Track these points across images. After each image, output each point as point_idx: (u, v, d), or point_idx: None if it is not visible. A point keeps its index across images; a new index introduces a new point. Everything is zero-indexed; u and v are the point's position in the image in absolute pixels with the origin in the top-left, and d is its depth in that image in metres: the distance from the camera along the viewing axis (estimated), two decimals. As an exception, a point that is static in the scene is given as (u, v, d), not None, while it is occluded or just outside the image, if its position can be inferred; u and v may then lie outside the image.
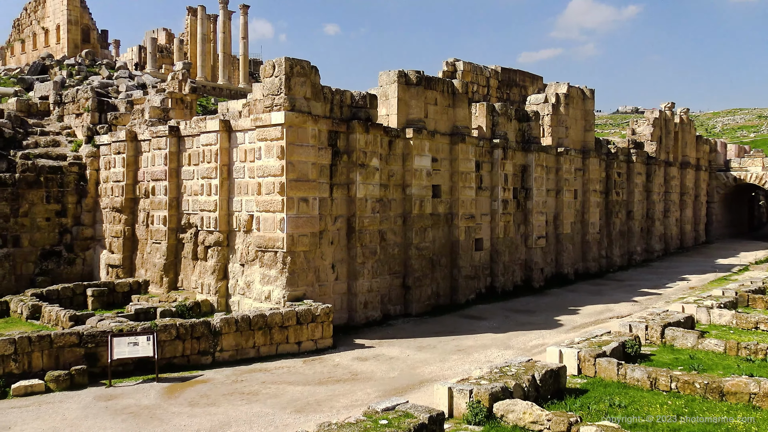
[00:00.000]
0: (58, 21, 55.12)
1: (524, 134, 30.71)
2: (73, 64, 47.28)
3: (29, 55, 57.73)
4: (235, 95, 52.28)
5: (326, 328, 18.75)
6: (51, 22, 56.11)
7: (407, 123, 24.31)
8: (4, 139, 29.21)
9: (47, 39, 56.43)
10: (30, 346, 14.94)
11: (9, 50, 61.89)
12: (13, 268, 27.57)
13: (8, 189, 27.58)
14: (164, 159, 25.45)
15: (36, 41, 57.79)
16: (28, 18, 60.00)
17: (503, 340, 19.93)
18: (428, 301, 24.46)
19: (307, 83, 20.58)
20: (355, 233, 21.82)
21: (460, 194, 26.02)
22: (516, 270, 29.82)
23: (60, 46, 54.40)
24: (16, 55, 60.43)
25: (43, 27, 56.99)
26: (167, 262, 25.09)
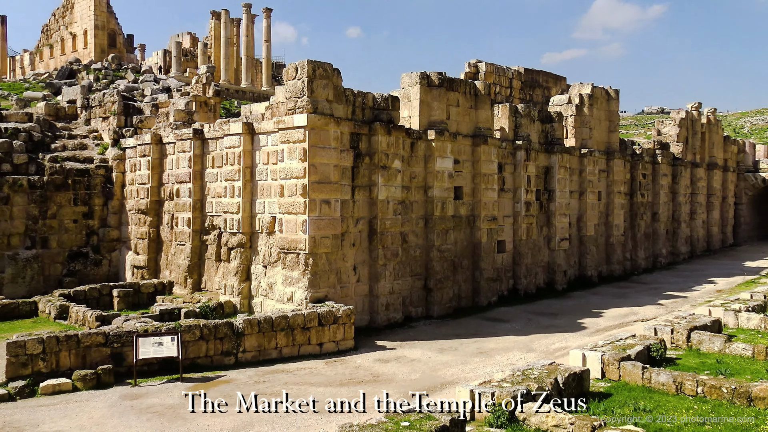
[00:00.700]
0: (85, 26, 56.06)
1: (547, 135, 30.51)
2: (100, 69, 48.06)
3: (57, 60, 58.77)
4: (258, 98, 52.70)
5: (348, 329, 18.81)
6: (78, 27, 57.07)
7: (429, 125, 24.30)
8: (33, 143, 29.78)
9: (75, 44, 57.41)
10: (58, 346, 15.22)
11: (38, 55, 63.08)
12: (42, 269, 28.09)
13: (37, 191, 28.13)
14: (188, 161, 25.74)
15: (64, 46, 58.82)
16: (56, 23, 61.11)
17: (525, 342, 19.81)
18: (450, 304, 24.41)
19: (329, 86, 20.68)
20: (377, 235, 21.86)
21: (483, 196, 25.93)
22: (538, 272, 29.62)
23: (87, 51, 55.32)
24: (45, 60, 61.56)
25: (71, 32, 57.99)
26: (191, 263, 25.37)
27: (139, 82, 44.00)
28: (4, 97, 42.06)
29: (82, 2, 56.66)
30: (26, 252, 27.87)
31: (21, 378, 14.75)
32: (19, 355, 14.87)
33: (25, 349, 14.93)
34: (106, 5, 55.92)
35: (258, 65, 65.33)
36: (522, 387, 12.10)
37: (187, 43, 65.77)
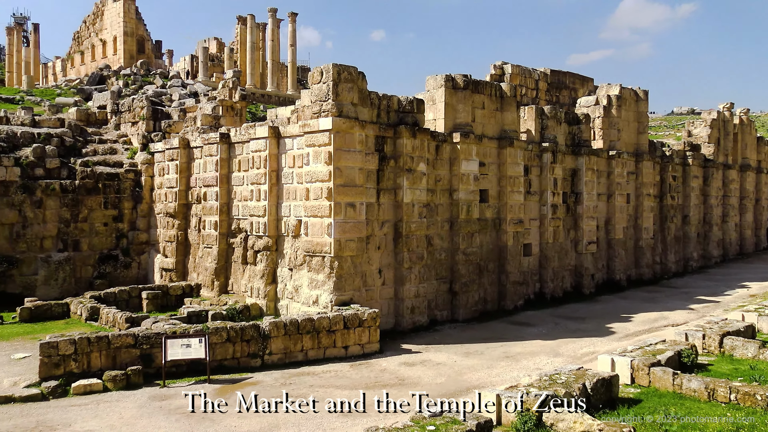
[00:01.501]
0: (114, 33, 57.09)
1: (574, 137, 30.24)
2: (129, 74, 48.87)
3: (88, 66, 59.91)
4: (284, 102, 53.10)
5: (373, 332, 18.83)
6: (108, 34, 58.14)
7: (454, 127, 24.25)
8: (65, 148, 30.38)
9: (105, 50, 58.49)
10: (89, 347, 15.50)
11: (69, 62, 64.40)
12: (73, 271, 28.65)
13: (69, 195, 28.72)
14: (215, 165, 26.04)
15: (94, 53, 59.95)
16: (87, 30, 62.34)
17: (552, 347, 19.64)
18: (475, 307, 24.30)
19: (354, 89, 20.77)
20: (402, 238, 21.87)
21: (508, 199, 25.78)
22: (565, 276, 29.35)
23: (117, 57, 56.30)
24: (76, 67, 62.80)
25: (101, 39, 59.09)
26: (218, 266, 25.64)
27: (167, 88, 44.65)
28: (37, 103, 43.00)
29: (111, 9, 57.72)
30: (58, 255, 28.43)
31: (53, 378, 15.05)
32: (52, 356, 15.18)
33: (58, 349, 15.24)
34: (134, 12, 56.91)
35: (283, 69, 65.84)
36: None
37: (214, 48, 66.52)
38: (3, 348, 18.96)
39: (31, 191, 27.96)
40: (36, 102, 43.45)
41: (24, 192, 27.82)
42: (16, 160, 28.05)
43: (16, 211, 27.67)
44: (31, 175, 28.26)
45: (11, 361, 17.32)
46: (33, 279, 27.67)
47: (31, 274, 27.71)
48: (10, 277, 27.11)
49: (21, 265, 27.47)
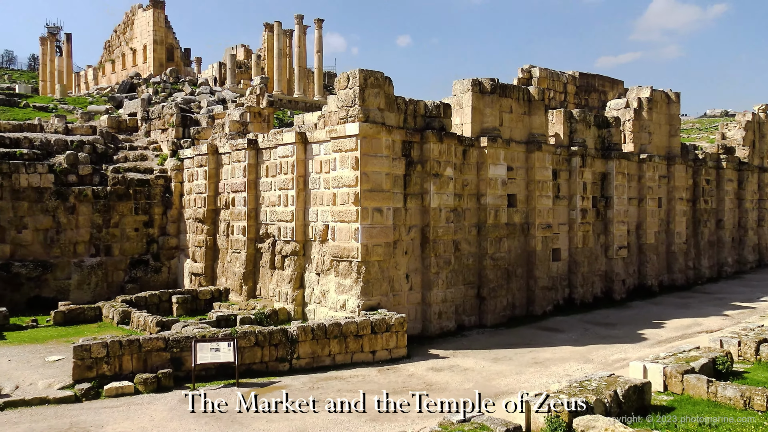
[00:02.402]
0: (144, 41, 58.10)
1: (604, 141, 29.94)
2: (159, 82, 49.66)
3: (119, 75, 61.05)
4: (310, 108, 53.48)
5: (400, 337, 18.84)
6: (138, 42, 59.19)
7: (482, 132, 24.20)
8: (97, 154, 31.02)
9: (135, 59, 59.55)
10: (121, 350, 15.78)
11: (101, 70, 65.70)
12: (105, 276, 29.22)
13: (101, 201, 29.31)
14: (243, 171, 26.33)
15: (125, 61, 61.08)
16: (117, 39, 63.56)
17: (582, 353, 19.43)
18: (503, 312, 24.16)
19: (380, 94, 20.85)
20: (429, 243, 21.86)
21: (537, 203, 25.62)
22: (595, 281, 29.03)
23: (146, 65, 57.28)
24: (107, 75, 64.04)
25: (131, 47, 60.19)
26: (246, 270, 25.89)
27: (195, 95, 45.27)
28: (70, 111, 43.92)
29: (141, 19, 58.78)
30: (91, 259, 29.01)
31: (86, 380, 15.35)
32: (85, 359, 15.48)
33: (91, 352, 15.54)
34: (164, 21, 57.85)
35: (310, 75, 66.31)
36: (580, 399, 11.89)
37: (241, 55, 67.28)
38: (38, 350, 19.38)
39: (65, 197, 28.60)
40: (69, 110, 44.38)
41: (58, 198, 28.47)
42: (50, 167, 28.72)
43: (50, 217, 28.33)
44: (65, 181, 28.91)
45: (46, 364, 17.70)
46: (66, 283, 28.27)
47: (65, 278, 28.32)
48: (45, 281, 27.74)
49: (55, 269, 28.09)
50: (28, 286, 27.33)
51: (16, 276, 27.09)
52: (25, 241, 27.86)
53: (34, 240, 28.03)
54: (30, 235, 27.94)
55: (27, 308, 26.49)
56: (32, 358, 18.30)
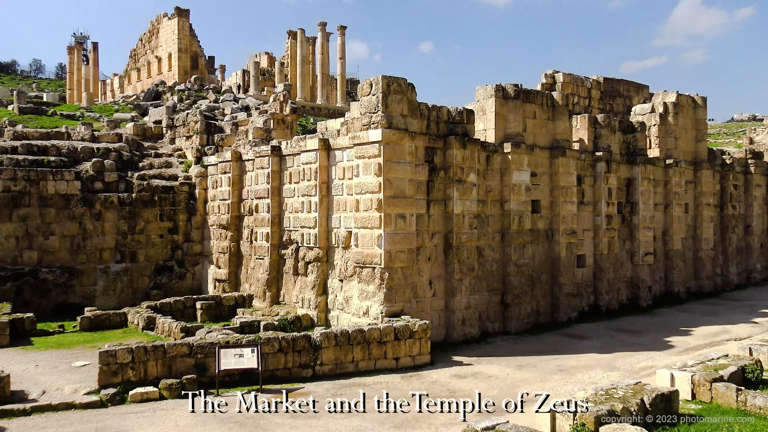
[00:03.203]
0: (169, 50, 58.90)
1: (629, 146, 29.67)
2: (183, 90, 50.29)
3: (144, 83, 61.93)
4: (333, 114, 53.73)
5: (424, 344, 18.79)
6: (163, 50, 60.02)
7: (505, 137, 24.11)
8: (122, 162, 31.47)
9: (160, 67, 60.38)
10: (146, 356, 15.94)
11: (126, 79, 66.73)
12: (131, 282, 29.59)
13: (126, 208, 29.72)
14: (267, 177, 26.51)
15: (150, 69, 61.96)
16: (143, 48, 64.52)
17: (608, 360, 19.22)
18: (528, 319, 24.00)
19: (403, 100, 20.88)
20: (453, 249, 21.81)
21: (561, 209, 25.44)
22: (621, 288, 28.71)
23: (171, 73, 58.04)
24: (133, 83, 65.01)
25: (156, 56, 61.05)
26: (270, 277, 26.04)
27: (219, 102, 45.77)
28: (96, 119, 44.66)
29: (166, 27, 59.65)
30: (116, 266, 29.40)
31: (112, 386, 15.53)
32: (110, 364, 15.66)
33: (116, 358, 15.72)
34: (188, 29, 58.66)
35: (333, 82, 66.68)
36: (606, 407, 11.75)
37: (265, 62, 67.91)
38: (64, 356, 19.66)
39: (91, 204, 29.05)
40: (95, 118, 45.13)
41: (84, 205, 28.93)
42: (76, 174, 29.20)
43: (76, 224, 28.79)
44: (91, 188, 29.37)
45: (72, 369, 17.95)
46: (92, 289, 28.67)
47: (91, 284, 28.72)
48: (71, 287, 28.16)
49: (81, 276, 28.51)
50: (55, 292, 27.76)
51: (43, 282, 27.55)
52: (52, 248, 28.32)
53: (60, 246, 28.49)
54: (57, 241, 28.40)
55: (54, 314, 26.91)
56: (59, 364, 18.58)
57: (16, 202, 27.81)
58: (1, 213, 27.55)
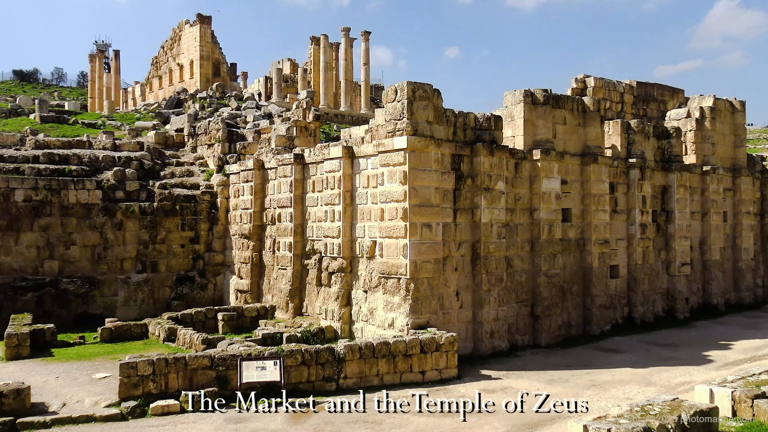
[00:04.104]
0: (191, 57, 59.69)
1: (664, 152, 29.32)
2: (205, 97, 50.90)
3: (165, 90, 62.81)
4: (357, 121, 53.93)
5: (451, 357, 18.69)
6: (185, 58, 60.83)
7: (534, 144, 23.98)
8: (144, 170, 31.91)
9: (182, 74, 61.19)
10: (167, 368, 16.06)
11: (148, 86, 67.76)
12: (152, 293, 29.92)
13: (147, 217, 30.10)
14: (289, 186, 26.66)
15: (171, 77, 62.83)
16: (164, 55, 65.49)
17: (644, 375, 18.94)
18: (559, 332, 23.76)
19: (429, 107, 20.89)
20: (480, 260, 21.70)
21: (593, 218, 25.21)
22: (656, 299, 28.30)
23: (193, 81, 58.79)
24: (154, 91, 65.97)
25: (178, 63, 61.91)
26: (292, 287, 26.14)
27: (241, 109, 46.21)
28: (118, 127, 45.37)
29: (188, 34, 60.49)
30: (137, 276, 29.76)
31: (132, 398, 15.66)
32: (131, 376, 15.81)
33: (137, 370, 15.86)
34: (210, 36, 59.40)
35: (357, 88, 66.99)
36: (641, 424, 11.55)
37: (288, 69, 68.49)
38: (85, 368, 19.91)
39: (112, 213, 29.47)
40: (116, 126, 45.86)
41: (105, 214, 29.36)
42: (97, 183, 29.66)
43: (97, 233, 29.22)
44: (112, 197, 29.80)
45: (92, 381, 18.17)
46: (113, 300, 29.04)
47: (112, 295, 29.10)
48: (92, 297, 28.56)
49: (102, 286, 28.90)
50: (75, 302, 28.16)
51: (64, 292, 27.98)
52: (73, 258, 28.77)
53: (81, 256, 28.93)
54: (78, 251, 28.84)
55: (74, 325, 27.28)
56: (79, 375, 18.82)
57: (38, 212, 28.33)
58: (23, 222, 28.08)
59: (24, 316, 25.00)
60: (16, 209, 27.98)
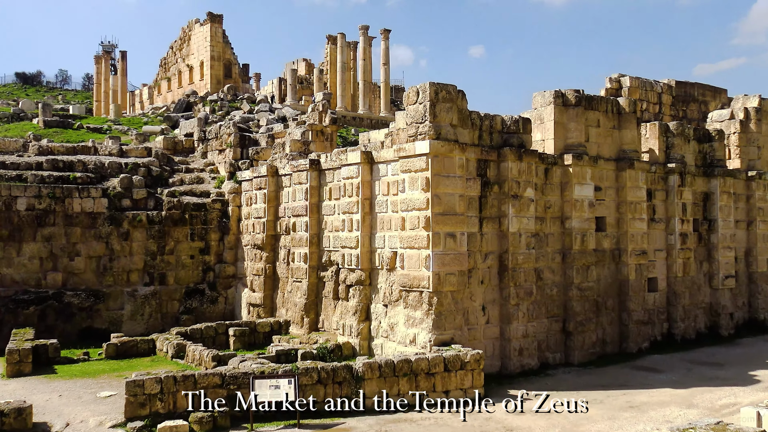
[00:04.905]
0: (201, 58, 60.30)
1: (705, 157, 29.07)
2: (216, 100, 51.37)
3: (174, 93, 63.49)
4: (376, 125, 54.07)
5: (477, 376, 18.61)
6: (195, 59, 61.47)
7: (565, 148, 23.89)
8: (151, 177, 32.25)
9: (191, 76, 61.83)
10: (175, 386, 16.17)
11: (156, 89, 68.54)
12: (159, 306, 30.17)
13: (155, 227, 30.38)
14: (305, 194, 26.79)
15: (181, 79, 63.51)
16: (173, 56, 66.24)
17: (685, 396, 18.72)
18: (592, 349, 23.58)
19: (453, 109, 20.91)
20: (508, 272, 21.62)
21: (629, 227, 25.03)
22: (698, 315, 28.00)
23: (203, 83, 59.37)
24: (163, 94, 66.72)
25: (188, 64, 62.57)
26: (308, 301, 26.21)
27: (254, 113, 46.55)
28: (124, 132, 45.95)
29: (198, 34, 61.13)
30: (144, 289, 30.03)
31: (139, 418, 15.77)
32: (138, 395, 15.93)
33: (144, 388, 15.98)
34: (221, 36, 59.96)
35: (376, 90, 67.18)
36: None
37: (303, 69, 68.90)
38: (89, 385, 20.11)
39: (118, 223, 29.80)
40: (123, 131, 46.44)
41: (111, 224, 29.69)
42: (103, 191, 30.03)
43: (103, 244, 29.56)
44: (118, 206, 30.14)
45: (97, 400, 18.34)
46: (119, 314, 29.33)
47: (118, 308, 29.38)
48: (97, 312, 28.86)
49: (108, 299, 29.20)
50: (80, 316, 28.48)
51: (68, 306, 28.31)
52: (78, 269, 29.10)
53: (86, 268, 29.26)
54: (82, 262, 29.18)
55: (78, 340, 27.59)
56: (83, 394, 19.00)
57: (41, 221, 28.73)
58: (25, 232, 28.49)
59: (26, 330, 25.32)
60: (19, 218, 28.41)
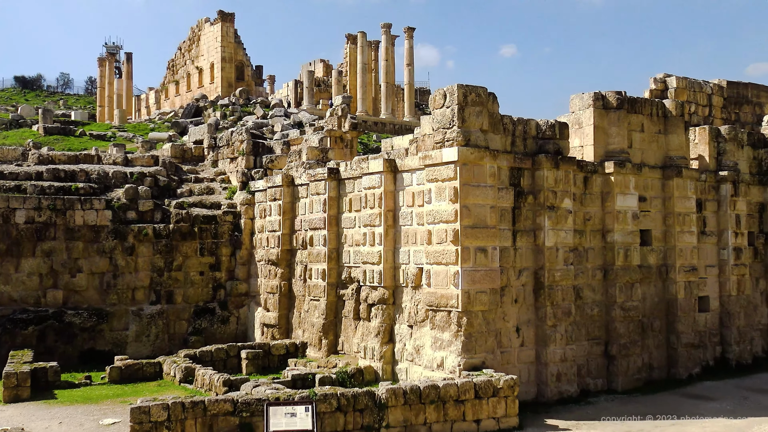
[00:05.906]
0: (211, 59, 60.91)
1: (761, 164, 28.80)
2: (227, 105, 51.90)
3: (183, 97, 64.15)
4: (400, 130, 54.18)
5: (510, 403, 18.51)
6: (205, 60, 62.10)
7: (606, 155, 23.78)
8: (158, 188, 32.55)
9: (201, 79, 62.46)
10: (183, 413, 16.24)
11: (163, 93, 69.31)
12: (166, 327, 30.31)
13: (162, 241, 30.58)
14: (323, 205, 26.87)
15: (190, 82, 64.17)
16: (182, 58, 67.00)
17: (741, 427, 18.50)
18: (638, 375, 23.34)
19: (483, 113, 20.91)
20: (544, 290, 21.51)
21: (677, 241, 24.82)
22: (755, 337, 27.65)
23: (214, 86, 59.94)
24: (171, 98, 67.42)
25: (197, 66, 63.25)
26: (326, 321, 26.24)
27: (268, 118, 46.97)
28: (130, 139, 46.54)
29: (208, 34, 61.82)
30: (151, 307, 30.25)
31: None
32: (143, 423, 16.01)
33: (150, 415, 16.06)
34: (233, 36, 60.57)
35: (399, 92, 67.39)
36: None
37: (320, 71, 69.34)
38: (91, 412, 20.27)
39: (123, 236, 30.06)
40: (128, 138, 47.05)
41: (115, 237, 29.96)
42: (107, 203, 30.35)
43: (106, 259, 29.83)
44: (123, 218, 30.42)
45: (100, 427, 18.49)
46: (123, 335, 29.54)
47: (122, 329, 29.59)
48: (100, 332, 29.08)
49: (111, 319, 29.42)
50: (81, 337, 28.70)
51: (69, 326, 28.56)
52: (79, 287, 29.38)
53: (89, 285, 29.54)
54: (84, 279, 29.47)
55: (80, 362, 27.79)
56: (85, 421, 19.15)
57: (41, 235, 29.08)
58: (24, 247, 28.83)
59: (24, 352, 25.60)
60: (17, 232, 28.77)
